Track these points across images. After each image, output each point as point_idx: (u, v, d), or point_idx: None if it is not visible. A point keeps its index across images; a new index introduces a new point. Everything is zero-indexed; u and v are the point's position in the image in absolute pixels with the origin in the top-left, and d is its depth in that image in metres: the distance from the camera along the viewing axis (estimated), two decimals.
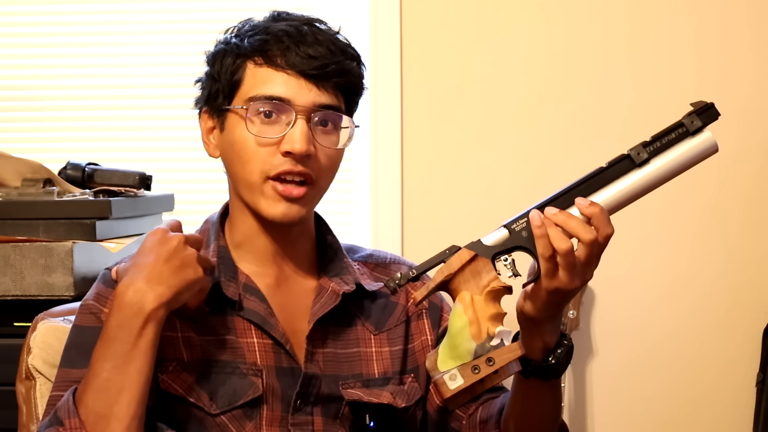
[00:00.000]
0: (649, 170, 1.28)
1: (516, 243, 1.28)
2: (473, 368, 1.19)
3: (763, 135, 2.58)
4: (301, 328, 1.42)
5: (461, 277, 1.26)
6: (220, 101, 1.42)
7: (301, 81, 1.38)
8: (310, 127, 1.39)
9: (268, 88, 1.38)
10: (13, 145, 2.57)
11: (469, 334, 1.22)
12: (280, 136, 1.38)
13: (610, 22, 2.60)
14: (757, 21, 2.58)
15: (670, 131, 1.29)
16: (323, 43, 1.40)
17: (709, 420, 2.61)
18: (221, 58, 1.42)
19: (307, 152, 1.38)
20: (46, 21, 2.76)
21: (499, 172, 2.61)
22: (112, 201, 2.10)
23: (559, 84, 2.60)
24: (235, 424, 1.35)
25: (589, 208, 1.27)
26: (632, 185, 1.29)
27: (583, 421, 2.63)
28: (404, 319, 1.51)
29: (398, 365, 1.48)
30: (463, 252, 1.27)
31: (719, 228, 2.60)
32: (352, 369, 1.44)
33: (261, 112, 1.38)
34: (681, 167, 1.30)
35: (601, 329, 2.63)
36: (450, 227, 2.61)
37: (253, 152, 1.38)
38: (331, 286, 1.45)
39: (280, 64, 1.38)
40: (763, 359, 2.54)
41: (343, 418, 1.41)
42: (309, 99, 1.38)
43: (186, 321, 1.38)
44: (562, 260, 1.26)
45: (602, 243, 1.28)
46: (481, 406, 1.47)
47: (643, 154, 1.28)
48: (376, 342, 1.47)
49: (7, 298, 1.99)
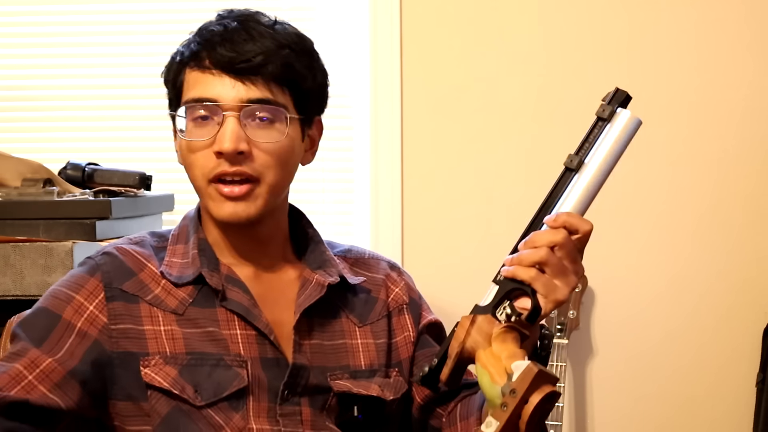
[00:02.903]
0: (589, 168, 1.35)
1: (506, 289, 1.32)
2: (502, 406, 1.18)
3: (763, 135, 2.58)
4: (284, 319, 1.42)
5: (471, 341, 1.29)
6: (171, 110, 1.45)
7: (225, 79, 1.37)
8: (243, 124, 1.37)
9: (197, 91, 1.39)
10: (13, 145, 2.57)
11: (492, 383, 1.22)
12: (211, 138, 1.38)
13: (609, 22, 2.60)
14: (757, 21, 2.58)
15: (592, 129, 1.37)
16: (254, 38, 1.38)
17: (709, 420, 2.61)
18: (168, 68, 1.45)
19: (236, 150, 1.36)
20: (46, 21, 2.75)
21: (499, 171, 2.61)
22: (112, 201, 2.10)
23: (559, 84, 2.60)
24: (221, 416, 1.35)
25: (557, 220, 1.32)
26: (581, 189, 1.36)
27: (583, 421, 2.63)
28: (385, 314, 1.52)
29: (383, 358, 1.49)
30: (463, 319, 1.31)
31: (719, 228, 2.60)
32: (339, 360, 1.45)
33: (196, 117, 1.39)
34: (615, 151, 1.35)
35: (601, 329, 2.63)
36: (450, 227, 2.61)
37: (192, 157, 1.40)
38: (315, 277, 1.46)
39: (207, 66, 1.39)
40: (763, 359, 2.54)
41: (330, 409, 1.41)
42: (235, 95, 1.37)
43: (168, 313, 1.38)
44: (550, 269, 1.30)
45: (583, 238, 1.33)
46: (459, 403, 1.48)
47: (575, 159, 1.36)
48: (361, 334, 1.48)
49: (7, 298, 1.99)
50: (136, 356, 1.36)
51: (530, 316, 1.29)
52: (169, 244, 1.46)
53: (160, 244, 1.46)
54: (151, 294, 1.39)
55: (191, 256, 1.42)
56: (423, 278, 2.59)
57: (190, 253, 1.42)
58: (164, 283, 1.40)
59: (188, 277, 1.40)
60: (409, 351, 1.52)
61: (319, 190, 2.65)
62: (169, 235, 1.48)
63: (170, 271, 1.41)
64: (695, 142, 2.59)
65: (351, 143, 2.67)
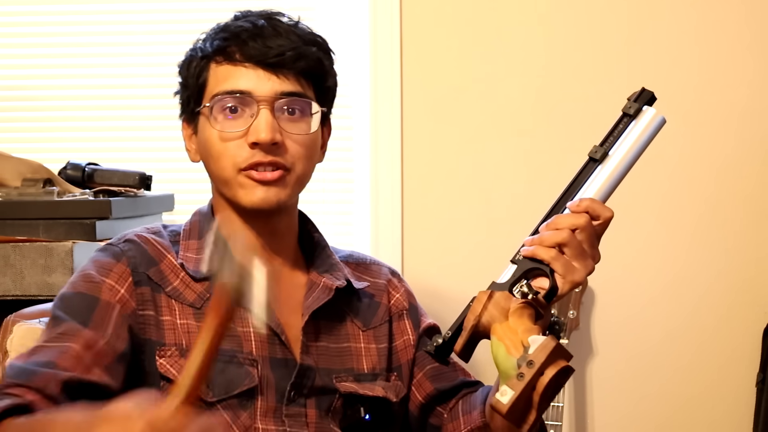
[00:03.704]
0: (613, 160, 1.40)
1: (524, 268, 1.34)
2: (518, 376, 1.21)
3: (763, 135, 2.58)
4: (292, 321, 1.43)
5: (487, 315, 1.30)
6: (192, 106, 1.45)
7: (259, 72, 1.41)
8: (275, 116, 1.40)
9: (229, 84, 1.41)
10: (13, 145, 2.57)
11: (508, 354, 1.25)
12: (245, 129, 1.40)
13: (609, 22, 2.60)
14: (757, 21, 2.58)
15: (617, 124, 1.43)
16: (282, 34, 1.42)
17: (709, 420, 2.61)
18: (188, 65, 1.47)
19: (273, 140, 1.39)
20: (46, 21, 2.75)
21: (499, 171, 2.61)
22: (112, 201, 2.10)
23: (559, 84, 2.60)
24: (229, 413, 1.36)
25: (581, 205, 1.35)
26: (603, 178, 1.39)
27: (583, 421, 2.63)
28: (387, 319, 1.54)
29: (384, 362, 1.50)
30: (480, 294, 1.33)
31: (719, 228, 2.60)
32: (344, 363, 1.46)
33: (225, 109, 1.41)
34: (639, 146, 1.41)
35: (601, 329, 2.63)
36: (450, 227, 2.61)
37: (222, 148, 1.41)
38: (322, 281, 1.47)
39: (239, 59, 1.41)
40: (763, 359, 2.54)
41: (335, 412, 1.42)
42: (270, 88, 1.40)
43: (186, 306, 1.39)
44: (570, 250, 1.32)
45: (603, 224, 1.36)
46: (461, 400, 1.51)
47: (599, 151, 1.41)
48: (364, 338, 1.50)
49: (7, 298, 1.99)
50: (154, 345, 1.37)
51: (548, 294, 1.32)
52: (182, 239, 1.46)
53: (174, 238, 1.47)
54: (171, 285, 1.41)
55: None
56: (423, 278, 2.60)
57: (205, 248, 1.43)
58: (183, 275, 1.42)
59: (204, 273, 1.40)
60: (409, 354, 1.54)
61: (319, 190, 2.65)
62: (181, 230, 1.48)
63: (187, 264, 1.42)
64: (695, 142, 2.59)
65: (351, 143, 2.67)
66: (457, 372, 1.55)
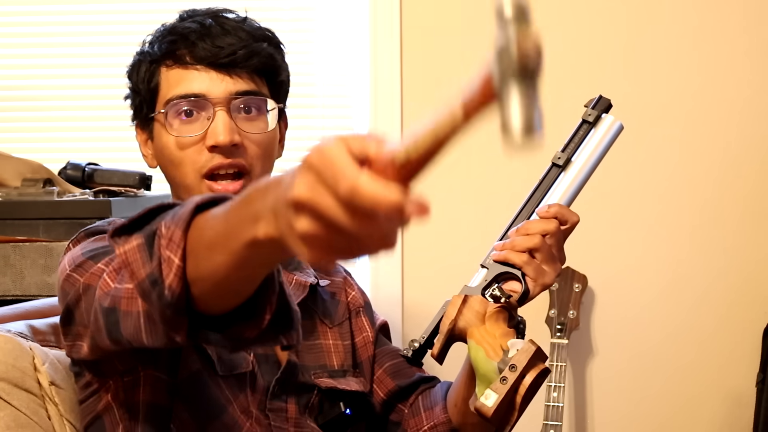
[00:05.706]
0: (575, 166, 1.45)
1: (496, 272, 1.39)
2: (501, 380, 1.26)
3: (763, 135, 2.58)
4: None
5: (463, 320, 1.35)
6: (145, 112, 1.44)
7: (212, 73, 1.39)
8: (232, 116, 1.39)
9: (182, 88, 1.40)
10: (13, 145, 2.57)
11: (487, 357, 1.29)
12: (202, 132, 1.39)
13: (608, 22, 2.60)
14: (757, 21, 2.58)
15: (577, 130, 1.48)
16: (230, 32, 1.41)
17: (709, 420, 2.61)
18: (137, 69, 1.47)
19: (232, 142, 1.38)
20: (46, 21, 2.75)
21: (498, 171, 2.61)
22: (112, 201, 2.10)
23: (558, 84, 2.60)
24: (231, 390, 1.36)
25: (550, 211, 1.40)
26: (567, 184, 1.44)
27: (583, 421, 2.63)
28: (347, 317, 1.55)
29: (350, 359, 1.51)
30: (454, 298, 1.37)
31: (719, 228, 2.60)
32: (318, 360, 1.47)
33: (180, 113, 1.39)
34: (600, 152, 1.46)
35: (601, 329, 2.63)
36: (449, 227, 2.61)
37: (181, 155, 1.40)
38: (294, 278, 1.47)
39: (190, 62, 1.40)
40: (763, 359, 2.54)
41: (311, 408, 1.43)
42: (224, 89, 1.39)
43: None
44: (541, 255, 1.37)
45: (570, 229, 1.41)
46: (420, 396, 1.53)
47: (562, 157, 1.45)
48: (332, 335, 1.51)
49: (7, 298, 1.99)
50: None
51: (520, 298, 1.36)
52: None
53: None
54: None
55: None
56: (423, 278, 2.60)
57: None
58: None
59: None
60: (369, 351, 1.56)
61: None
62: None
63: None
64: (695, 142, 2.59)
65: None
66: (413, 368, 1.56)
